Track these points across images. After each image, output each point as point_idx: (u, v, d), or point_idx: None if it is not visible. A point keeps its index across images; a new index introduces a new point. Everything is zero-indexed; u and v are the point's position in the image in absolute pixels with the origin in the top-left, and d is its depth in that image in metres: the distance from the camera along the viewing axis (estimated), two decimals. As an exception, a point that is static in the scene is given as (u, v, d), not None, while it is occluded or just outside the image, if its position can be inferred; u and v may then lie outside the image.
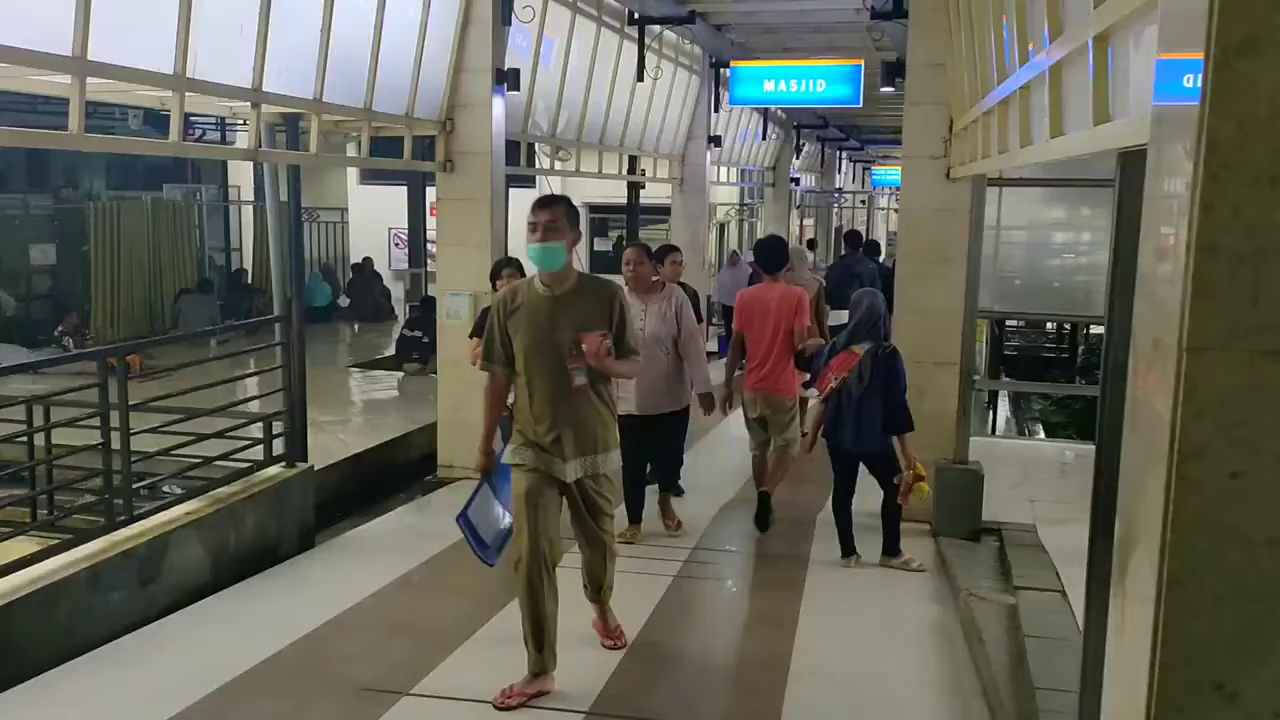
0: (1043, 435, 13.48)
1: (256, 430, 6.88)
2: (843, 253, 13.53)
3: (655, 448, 6.65)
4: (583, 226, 20.10)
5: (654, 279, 6.50)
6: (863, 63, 12.79)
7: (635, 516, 6.70)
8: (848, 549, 6.34)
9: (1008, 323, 15.79)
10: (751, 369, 6.93)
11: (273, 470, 6.72)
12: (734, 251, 13.72)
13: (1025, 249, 9.59)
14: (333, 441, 9.10)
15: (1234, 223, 1.23)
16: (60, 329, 13.93)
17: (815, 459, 6.73)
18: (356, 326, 17.58)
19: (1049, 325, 18.16)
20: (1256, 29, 1.20)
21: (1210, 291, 1.25)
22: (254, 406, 7.72)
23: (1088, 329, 14.62)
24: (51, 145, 8.41)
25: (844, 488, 6.38)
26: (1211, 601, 1.29)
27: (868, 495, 6.68)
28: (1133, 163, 2.78)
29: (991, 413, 13.29)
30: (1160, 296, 1.38)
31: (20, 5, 4.84)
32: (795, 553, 6.56)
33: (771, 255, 7.09)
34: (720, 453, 9.20)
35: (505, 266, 6.52)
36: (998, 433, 12.75)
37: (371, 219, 19.72)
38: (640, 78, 11.35)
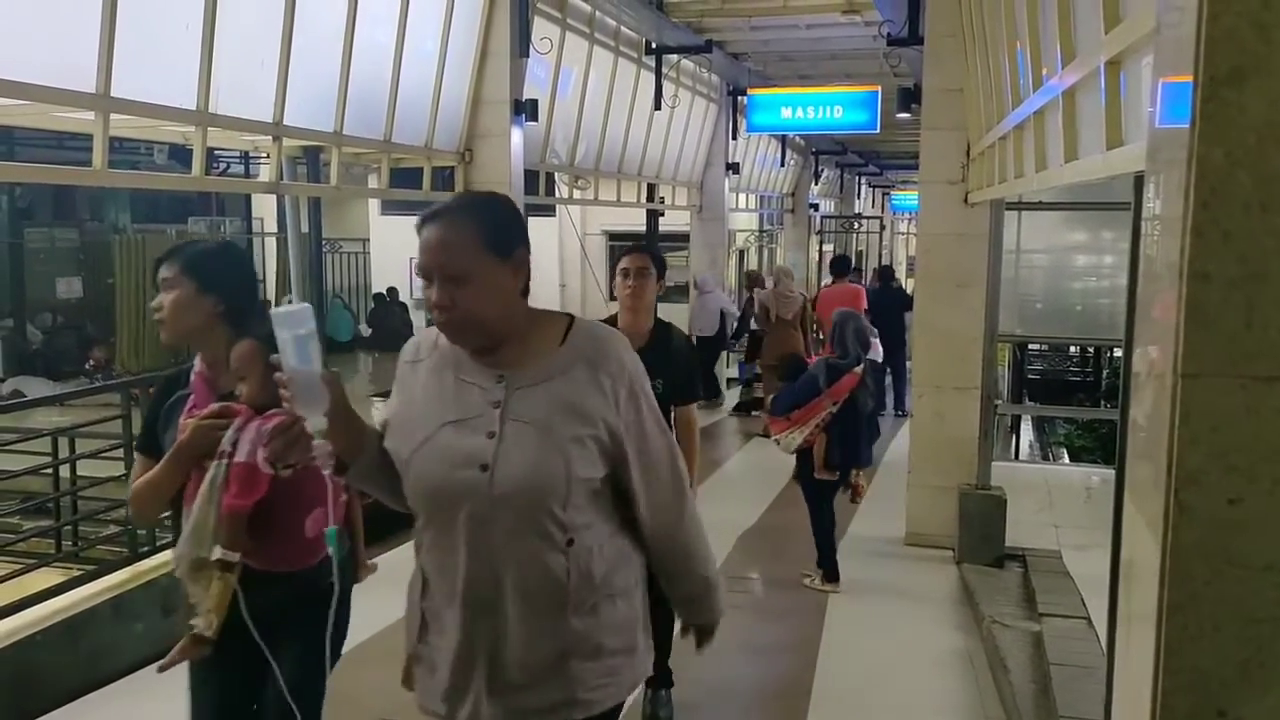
0: (1067, 460, 13.38)
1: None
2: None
3: None
4: (601, 255, 20.28)
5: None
6: (879, 89, 12.85)
7: None
8: (836, 573, 6.27)
9: (1030, 346, 15.75)
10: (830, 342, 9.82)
11: (294, 500, 6.75)
12: (698, 279, 13.47)
13: (1046, 272, 9.55)
14: (354, 471, 9.13)
15: (1225, 249, 1.24)
16: (88, 362, 14.10)
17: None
18: (377, 355, 17.70)
19: (1072, 349, 18.06)
20: (1243, 59, 1.22)
21: (1203, 317, 1.26)
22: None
23: (1111, 352, 14.53)
24: (76, 181, 8.54)
25: (831, 510, 6.26)
26: (1211, 628, 1.29)
27: (887, 520, 6.64)
28: (1146, 187, 2.78)
29: (1014, 437, 13.21)
30: (1155, 322, 1.39)
31: (45, 44, 4.93)
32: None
33: (841, 264, 12.47)
34: (740, 483, 9.18)
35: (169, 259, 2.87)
36: (1021, 457, 12.66)
37: (393, 249, 19.86)
38: (658, 106, 11.43)
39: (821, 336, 11.12)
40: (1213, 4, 1.23)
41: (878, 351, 10.96)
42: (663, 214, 13.80)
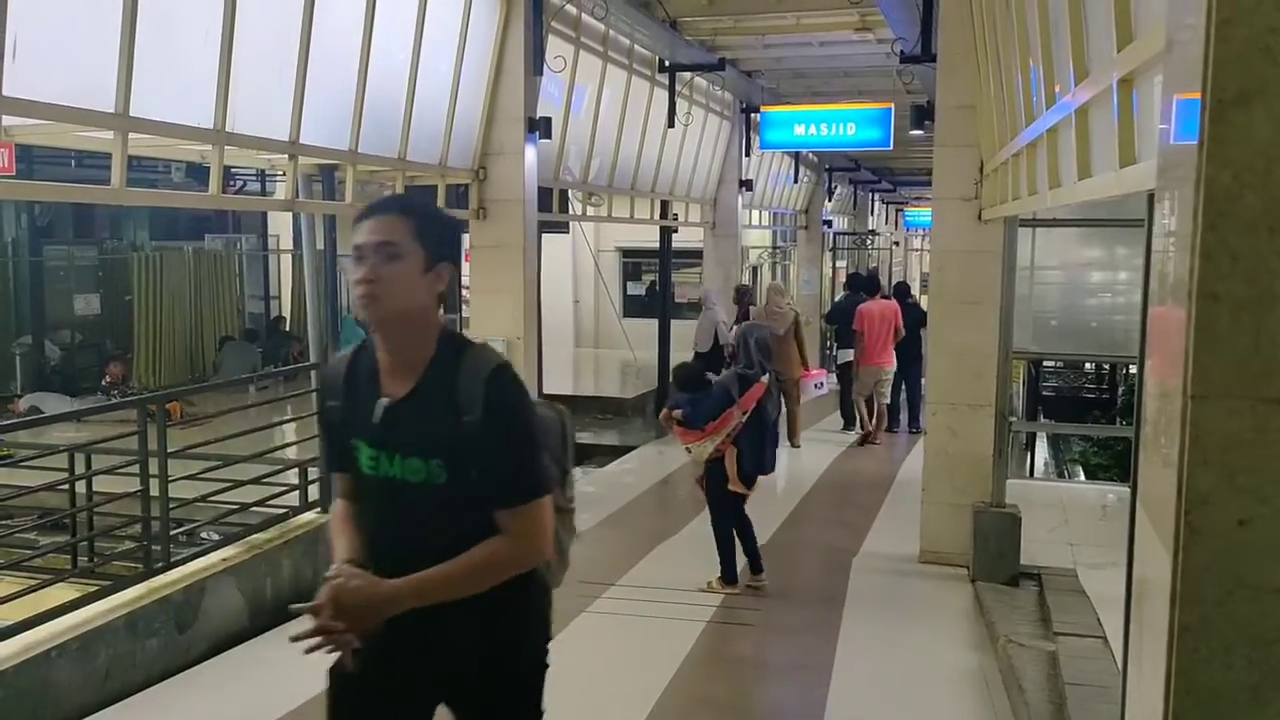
0: (1082, 477, 13.31)
1: (293, 476, 6.94)
2: (845, 293, 13.63)
3: None
4: (615, 270, 20.30)
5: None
6: (892, 106, 12.87)
7: None
8: (734, 575, 6.48)
9: (1045, 363, 15.69)
10: (870, 353, 11.11)
11: (308, 516, 6.77)
12: (702, 293, 13.37)
13: (1061, 289, 9.52)
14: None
15: (1233, 270, 1.24)
16: (107, 379, 14.17)
17: (850, 501, 6.69)
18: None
19: (1088, 365, 17.99)
20: (1250, 81, 1.22)
21: (1212, 339, 1.26)
22: (290, 453, 7.79)
23: (1127, 369, 14.47)
24: (95, 199, 8.62)
25: (738, 514, 6.46)
26: (1222, 650, 1.28)
27: (901, 538, 6.59)
28: (1159, 205, 2.78)
29: (1029, 455, 13.15)
30: (1165, 342, 1.39)
31: (65, 64, 4.99)
32: (830, 598, 6.50)
33: (869, 282, 12.07)
34: (752, 500, 9.13)
35: None
36: (1036, 475, 12.60)
37: (408, 266, 19.98)
38: (671, 123, 11.48)
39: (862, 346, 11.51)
40: (1220, 26, 1.23)
41: (893, 363, 11.26)
42: (676, 230, 13.83)
